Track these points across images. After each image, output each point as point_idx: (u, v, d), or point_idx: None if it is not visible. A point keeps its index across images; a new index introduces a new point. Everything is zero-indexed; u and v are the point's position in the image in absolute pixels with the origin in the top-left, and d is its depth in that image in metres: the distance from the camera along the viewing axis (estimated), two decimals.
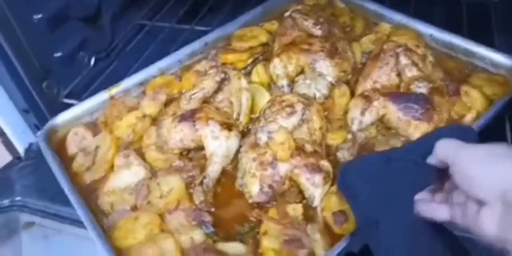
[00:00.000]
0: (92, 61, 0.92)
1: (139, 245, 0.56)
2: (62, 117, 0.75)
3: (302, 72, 0.78)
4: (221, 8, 1.00)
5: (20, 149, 0.82)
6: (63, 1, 0.83)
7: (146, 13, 1.06)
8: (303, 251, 0.54)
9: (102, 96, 0.77)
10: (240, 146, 0.67)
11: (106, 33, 0.95)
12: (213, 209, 0.62)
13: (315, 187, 0.58)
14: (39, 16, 0.79)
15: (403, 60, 0.69)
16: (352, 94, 0.73)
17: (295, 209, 0.58)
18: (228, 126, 0.66)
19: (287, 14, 0.84)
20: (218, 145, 0.65)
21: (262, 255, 0.55)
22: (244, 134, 0.70)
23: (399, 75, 0.69)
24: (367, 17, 0.89)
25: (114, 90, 0.78)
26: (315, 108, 0.66)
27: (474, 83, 0.72)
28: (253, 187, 0.60)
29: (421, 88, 0.67)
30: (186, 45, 0.85)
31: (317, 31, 0.79)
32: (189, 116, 0.67)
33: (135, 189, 0.64)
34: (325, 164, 0.60)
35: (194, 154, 0.70)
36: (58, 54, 0.84)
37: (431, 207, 0.45)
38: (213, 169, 0.64)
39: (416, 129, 0.63)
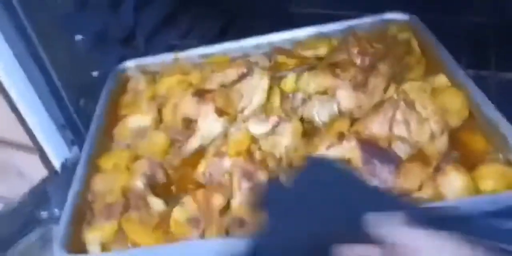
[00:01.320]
0: None
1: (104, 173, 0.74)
2: None
3: (325, 93, 0.80)
4: (251, 28, 1.02)
5: (56, 164, 0.89)
6: (103, 23, 0.92)
7: (178, 33, 1.15)
8: (196, 230, 0.63)
9: (169, 56, 0.95)
10: None
11: (140, 52, 1.02)
12: (170, 171, 0.74)
13: (238, 191, 0.65)
14: (80, 37, 0.87)
15: (398, 115, 0.65)
16: None
17: (216, 199, 0.66)
18: (221, 113, 0.76)
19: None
20: (204, 124, 0.76)
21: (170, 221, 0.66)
22: None
23: (391, 129, 0.66)
24: (435, 65, 0.82)
25: (180, 54, 0.96)
26: (292, 126, 0.69)
27: (480, 171, 0.63)
28: (200, 167, 0.70)
29: (401, 150, 0.63)
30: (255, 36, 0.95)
31: (358, 60, 0.78)
32: (201, 93, 0.79)
33: (137, 131, 0.82)
34: (261, 176, 0.65)
35: (195, 125, 0.82)
36: (95, 73, 0.92)
37: None
38: (191, 142, 0.76)
39: None
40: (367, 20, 0.92)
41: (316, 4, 1.14)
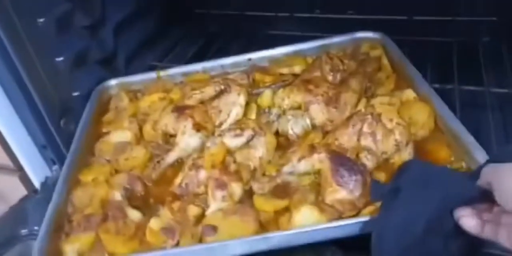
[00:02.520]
0: None
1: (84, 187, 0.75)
2: None
3: (299, 108, 0.84)
4: (230, 49, 1.08)
5: (36, 183, 0.88)
6: (84, 45, 0.93)
7: (157, 55, 1.18)
8: (171, 239, 0.64)
9: (151, 75, 0.99)
10: None
11: (120, 74, 1.05)
12: (149, 184, 0.76)
13: (214, 200, 0.67)
14: (61, 58, 0.87)
15: (365, 127, 0.68)
16: None
17: (191, 210, 0.68)
18: (198, 127, 0.79)
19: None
20: (182, 138, 0.78)
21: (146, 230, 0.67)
22: None
23: (359, 140, 0.69)
24: (404, 80, 0.86)
25: (162, 73, 1.00)
26: (265, 139, 0.73)
27: None
28: (176, 180, 0.72)
29: (368, 160, 0.66)
30: (233, 55, 1.00)
31: (329, 77, 0.83)
32: (180, 109, 0.82)
33: (118, 146, 0.84)
34: (235, 186, 0.67)
35: (174, 140, 0.85)
36: (76, 93, 0.92)
37: (476, 222, 0.48)
38: (170, 155, 0.78)
39: (332, 193, 0.64)
40: (340, 38, 0.97)
41: (293, 26, 1.19)
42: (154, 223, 0.67)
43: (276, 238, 0.60)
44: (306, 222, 0.63)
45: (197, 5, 1.30)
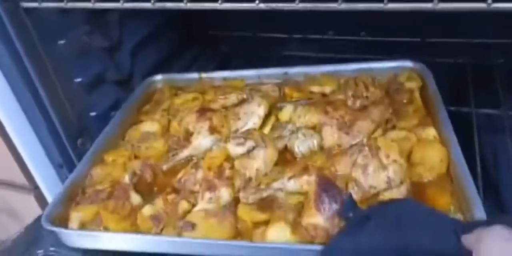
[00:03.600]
0: None
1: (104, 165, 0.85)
2: None
3: (314, 128, 0.85)
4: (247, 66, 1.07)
5: None
6: (101, 67, 0.95)
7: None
8: (156, 227, 0.71)
9: (195, 75, 1.07)
10: None
11: None
12: (159, 173, 0.84)
13: (201, 200, 0.72)
14: (80, 79, 0.89)
15: (360, 159, 0.67)
16: None
17: (181, 204, 0.73)
18: (213, 130, 0.84)
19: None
20: (197, 138, 0.84)
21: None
22: None
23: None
24: (430, 116, 0.82)
25: (204, 75, 1.07)
26: (267, 152, 0.75)
27: None
28: (179, 174, 0.78)
29: (354, 192, 0.65)
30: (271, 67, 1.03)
31: (349, 102, 0.82)
32: (202, 111, 0.89)
33: (145, 135, 0.93)
34: (224, 191, 0.71)
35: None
36: (93, 113, 0.94)
37: None
38: (183, 151, 0.85)
39: (309, 217, 0.64)
40: (379, 65, 0.96)
41: (307, 47, 1.19)
42: (146, 210, 0.74)
43: (239, 247, 0.63)
44: (276, 239, 0.65)
45: (211, 27, 1.32)
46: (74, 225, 0.75)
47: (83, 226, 0.75)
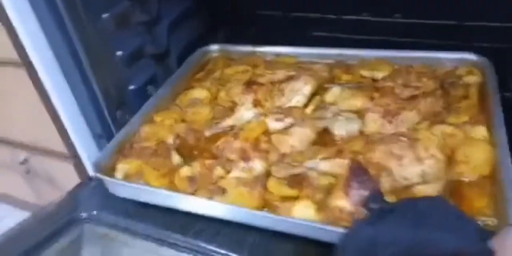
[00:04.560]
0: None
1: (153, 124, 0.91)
2: None
3: (357, 112, 0.84)
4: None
5: (90, 171, 0.91)
6: (140, 41, 0.96)
7: None
8: (191, 188, 0.76)
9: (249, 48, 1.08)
10: None
11: (172, 69, 1.06)
12: (201, 138, 0.88)
13: (235, 168, 0.75)
14: (120, 52, 0.91)
15: (396, 148, 0.66)
16: None
17: (217, 170, 0.77)
18: (256, 104, 0.86)
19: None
20: (240, 109, 0.87)
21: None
22: None
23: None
24: (484, 114, 0.78)
25: (258, 48, 1.08)
26: (302, 132, 0.76)
27: None
28: (218, 142, 0.82)
29: (385, 181, 0.65)
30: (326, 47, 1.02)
31: (397, 90, 0.80)
32: (249, 84, 0.91)
33: (193, 101, 0.97)
34: (257, 162, 0.74)
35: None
36: (132, 87, 0.96)
37: None
38: (226, 120, 0.88)
39: (336, 199, 0.65)
40: (439, 55, 0.91)
41: (339, 28, 1.14)
42: (184, 170, 0.79)
43: (264, 218, 0.67)
44: (301, 216, 0.67)
45: (244, 7, 1.28)
46: (119, 175, 0.82)
47: (127, 178, 0.82)
